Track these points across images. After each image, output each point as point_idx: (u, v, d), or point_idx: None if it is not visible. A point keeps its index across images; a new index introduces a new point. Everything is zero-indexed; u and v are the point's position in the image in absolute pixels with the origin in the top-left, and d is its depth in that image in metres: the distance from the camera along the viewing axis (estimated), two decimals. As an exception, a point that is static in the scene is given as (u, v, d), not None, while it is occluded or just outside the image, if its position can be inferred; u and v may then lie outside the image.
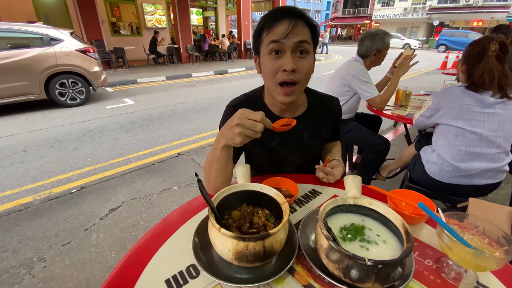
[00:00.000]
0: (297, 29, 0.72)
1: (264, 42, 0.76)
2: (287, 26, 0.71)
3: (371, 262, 0.45)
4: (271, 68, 0.76)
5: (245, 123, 0.61)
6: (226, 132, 0.65)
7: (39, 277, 1.50)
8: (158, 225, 0.72)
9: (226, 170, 0.76)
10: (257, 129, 0.61)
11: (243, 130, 0.61)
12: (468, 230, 0.58)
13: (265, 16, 0.77)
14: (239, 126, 0.61)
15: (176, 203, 2.16)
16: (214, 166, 0.75)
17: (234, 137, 0.62)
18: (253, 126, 0.61)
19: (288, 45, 0.72)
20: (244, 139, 0.63)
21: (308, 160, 1.04)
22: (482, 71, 1.13)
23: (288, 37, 0.71)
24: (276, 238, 0.53)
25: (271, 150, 0.96)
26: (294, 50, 0.74)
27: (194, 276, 0.56)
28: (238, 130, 0.61)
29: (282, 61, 0.74)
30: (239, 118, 0.61)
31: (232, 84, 6.89)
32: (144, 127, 3.83)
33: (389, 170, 1.95)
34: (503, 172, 1.25)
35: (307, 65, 0.76)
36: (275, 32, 0.73)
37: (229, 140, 0.65)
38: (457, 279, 0.55)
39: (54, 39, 4.42)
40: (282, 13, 0.73)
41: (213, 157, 0.74)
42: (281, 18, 0.72)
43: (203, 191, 0.55)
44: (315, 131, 0.96)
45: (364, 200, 0.63)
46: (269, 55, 0.75)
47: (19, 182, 2.42)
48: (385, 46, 1.82)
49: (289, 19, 0.72)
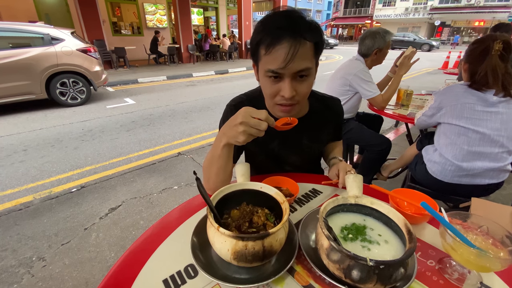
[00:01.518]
0: (298, 55, 0.65)
1: (262, 60, 0.70)
2: (287, 51, 0.64)
3: (372, 263, 0.44)
4: (269, 91, 0.73)
5: (249, 121, 0.59)
6: (229, 130, 0.63)
7: (39, 277, 1.49)
8: (156, 224, 0.71)
9: (226, 169, 0.75)
10: (262, 127, 0.60)
11: (247, 129, 0.60)
12: (472, 230, 0.57)
13: (262, 27, 0.68)
14: (243, 124, 0.59)
15: (176, 203, 2.15)
16: (214, 165, 0.74)
17: (238, 135, 0.61)
18: (257, 124, 0.59)
19: (287, 74, 0.68)
20: (248, 137, 0.61)
21: (308, 161, 1.04)
22: (485, 70, 1.12)
23: (287, 67, 0.66)
24: (276, 237, 0.52)
25: (271, 151, 0.95)
26: (294, 76, 0.69)
27: (192, 276, 0.56)
28: (242, 129, 0.59)
29: (280, 85, 0.70)
30: (243, 116, 0.60)
31: (233, 84, 6.88)
32: (144, 126, 3.83)
33: (390, 170, 1.94)
34: (506, 171, 1.24)
35: (307, 87, 0.73)
36: (273, 57, 0.66)
37: (231, 138, 0.63)
38: (461, 280, 0.54)
39: (55, 39, 4.42)
40: (282, 29, 0.65)
41: (213, 156, 0.73)
42: (281, 38, 0.64)
43: (202, 190, 0.54)
44: (315, 133, 0.95)
45: (365, 200, 0.62)
46: (267, 77, 0.71)
47: (19, 181, 2.42)
48: (386, 45, 1.80)
49: (290, 42, 0.64)
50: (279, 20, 0.67)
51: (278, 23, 0.66)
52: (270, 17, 0.69)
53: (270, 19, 0.68)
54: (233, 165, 0.88)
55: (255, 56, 0.73)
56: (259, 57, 0.71)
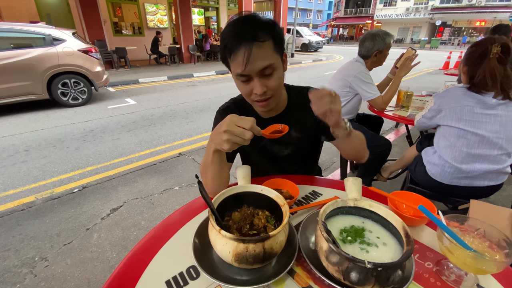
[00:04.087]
0: (254, 56, 0.69)
1: (230, 66, 0.76)
2: (243, 55, 0.69)
3: (370, 265, 0.45)
4: (244, 92, 0.80)
5: (234, 130, 0.60)
6: (215, 137, 0.65)
7: (41, 277, 1.51)
8: (158, 226, 0.73)
9: (221, 175, 0.77)
10: (246, 137, 0.61)
11: (231, 137, 0.61)
12: (469, 232, 0.58)
13: (224, 36, 0.73)
14: (227, 133, 0.60)
15: (177, 203, 2.16)
16: (209, 171, 0.75)
17: (222, 143, 0.62)
18: (241, 133, 0.60)
19: (253, 74, 0.73)
20: (232, 145, 0.62)
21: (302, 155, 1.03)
22: (484, 73, 1.13)
23: (247, 68, 0.71)
24: (276, 240, 0.53)
25: (263, 149, 0.97)
26: (260, 74, 0.74)
27: (194, 278, 0.57)
28: (226, 137, 0.61)
29: (251, 85, 0.76)
30: (227, 125, 0.61)
31: (233, 84, 6.75)
32: (145, 127, 3.85)
33: (390, 171, 1.95)
34: (505, 173, 1.24)
35: (276, 81, 0.77)
36: (236, 63, 0.72)
37: (218, 145, 0.65)
38: (458, 282, 0.55)
39: (57, 39, 4.44)
40: (237, 36, 0.70)
41: (206, 162, 0.75)
42: (237, 44, 0.70)
43: (204, 193, 0.55)
44: (300, 124, 0.96)
45: (364, 202, 0.63)
46: (238, 80, 0.77)
47: (21, 181, 2.44)
48: (386, 47, 1.81)
49: (244, 46, 0.69)
50: (235, 27, 0.72)
51: (234, 31, 0.72)
52: (229, 26, 0.73)
53: (228, 28, 0.73)
54: (230, 165, 0.90)
55: (225, 61, 0.78)
56: (228, 62, 0.76)
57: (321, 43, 17.64)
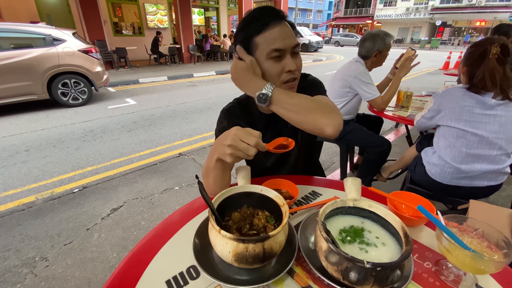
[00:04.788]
0: (288, 32, 0.76)
1: (260, 47, 0.76)
2: (280, 31, 0.74)
3: (369, 265, 0.46)
4: (276, 71, 0.78)
5: (238, 145, 0.60)
6: (219, 147, 0.64)
7: (41, 276, 1.51)
8: (159, 226, 0.73)
9: (223, 179, 0.76)
10: (250, 152, 0.60)
11: (235, 152, 0.61)
12: (468, 233, 0.58)
13: (250, 20, 0.77)
14: (231, 147, 0.60)
15: (177, 203, 2.17)
16: (211, 175, 0.75)
17: (225, 156, 0.62)
18: (245, 149, 0.60)
19: (288, 49, 0.76)
20: (235, 159, 0.63)
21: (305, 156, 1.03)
22: (483, 74, 1.13)
23: (285, 42, 0.75)
24: (276, 240, 0.53)
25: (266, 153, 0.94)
26: (291, 52, 0.78)
27: (195, 277, 0.57)
28: (230, 151, 0.61)
29: (283, 62, 0.77)
30: (232, 139, 0.60)
31: (233, 84, 6.81)
32: (145, 127, 3.85)
33: (390, 171, 1.95)
34: (504, 174, 1.25)
35: (301, 62, 0.83)
36: (273, 38, 0.74)
37: (221, 156, 0.65)
38: (456, 282, 0.56)
39: (57, 40, 4.44)
40: (268, 16, 0.75)
41: (208, 166, 0.74)
42: (270, 22, 0.74)
43: (204, 193, 0.55)
44: None
45: (363, 202, 0.64)
46: (270, 59, 0.77)
47: (21, 181, 2.44)
48: (386, 47, 1.82)
49: (279, 23, 0.74)
50: (260, 11, 0.77)
51: (261, 14, 0.76)
52: (251, 14, 0.78)
53: (251, 15, 0.78)
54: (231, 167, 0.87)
55: (248, 46, 0.78)
56: (254, 47, 0.77)
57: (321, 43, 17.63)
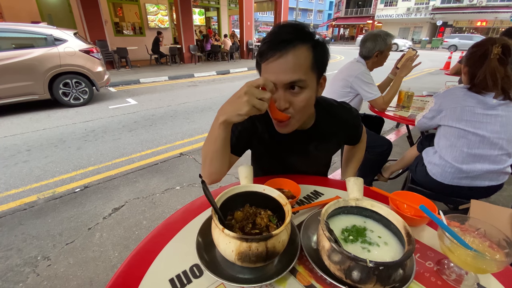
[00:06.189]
0: (287, 66, 0.66)
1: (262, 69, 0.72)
2: (276, 64, 0.66)
3: (372, 264, 0.46)
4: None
5: (254, 91, 0.59)
6: (230, 105, 0.62)
7: (43, 276, 1.52)
8: (161, 225, 0.73)
9: (222, 156, 0.74)
10: (266, 96, 0.60)
11: (251, 98, 0.59)
12: (469, 232, 0.59)
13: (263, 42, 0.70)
14: (247, 94, 0.59)
15: (178, 203, 2.17)
16: (210, 149, 0.73)
17: (241, 107, 0.59)
18: (261, 93, 0.59)
19: (278, 84, 0.68)
20: (251, 109, 0.60)
21: (315, 168, 1.05)
22: (484, 74, 1.13)
23: (278, 78, 0.67)
24: (279, 239, 0.53)
25: (277, 154, 0.95)
26: (286, 87, 0.69)
27: (198, 276, 0.57)
28: (246, 98, 0.59)
29: (275, 96, 0.70)
30: (248, 87, 0.59)
31: (234, 84, 6.90)
32: (146, 127, 3.86)
33: (391, 171, 1.95)
34: (505, 174, 1.25)
35: (302, 101, 0.71)
36: (265, 65, 0.69)
37: (233, 112, 0.62)
38: (458, 281, 0.56)
39: (58, 40, 4.45)
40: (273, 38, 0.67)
41: (209, 139, 0.72)
42: (273, 48, 0.66)
43: (207, 192, 0.56)
44: (323, 143, 0.94)
45: (366, 202, 0.64)
46: None
47: (23, 181, 2.45)
48: (387, 47, 1.82)
49: (279, 55, 0.66)
50: (275, 29, 0.70)
51: (273, 33, 0.69)
52: (273, 30, 0.70)
53: (272, 32, 0.70)
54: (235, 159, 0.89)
55: (258, 66, 0.75)
56: (260, 68, 0.73)
57: None
